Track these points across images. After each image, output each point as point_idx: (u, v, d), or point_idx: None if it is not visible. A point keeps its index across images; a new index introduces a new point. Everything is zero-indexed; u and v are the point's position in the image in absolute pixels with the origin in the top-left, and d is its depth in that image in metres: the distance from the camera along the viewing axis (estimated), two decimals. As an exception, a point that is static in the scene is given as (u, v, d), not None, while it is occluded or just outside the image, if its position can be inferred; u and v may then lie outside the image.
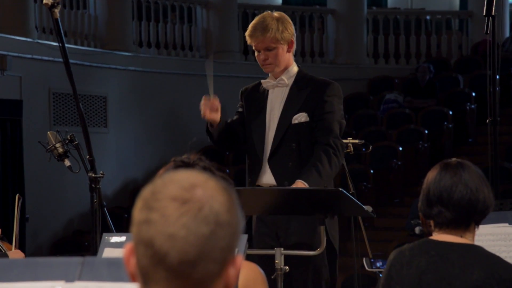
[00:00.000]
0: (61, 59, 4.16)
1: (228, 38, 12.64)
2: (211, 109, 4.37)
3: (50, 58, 9.98)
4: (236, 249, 1.61)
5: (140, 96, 11.42)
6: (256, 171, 4.46)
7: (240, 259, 1.60)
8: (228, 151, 4.88)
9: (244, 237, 3.19)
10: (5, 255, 4.92)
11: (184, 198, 1.56)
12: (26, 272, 2.55)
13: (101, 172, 4.22)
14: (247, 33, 4.47)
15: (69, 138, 4.38)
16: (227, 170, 10.59)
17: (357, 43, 13.69)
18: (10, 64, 9.65)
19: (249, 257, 3.85)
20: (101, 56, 10.97)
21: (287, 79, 4.48)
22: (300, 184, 4.21)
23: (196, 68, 12.14)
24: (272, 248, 4.09)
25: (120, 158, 11.06)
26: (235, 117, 4.61)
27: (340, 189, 3.91)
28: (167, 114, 11.71)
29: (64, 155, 4.39)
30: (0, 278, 2.56)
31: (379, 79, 13.54)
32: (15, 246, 5.44)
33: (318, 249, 4.06)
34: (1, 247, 5.17)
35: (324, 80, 4.50)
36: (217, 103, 4.37)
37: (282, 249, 3.99)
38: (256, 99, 4.53)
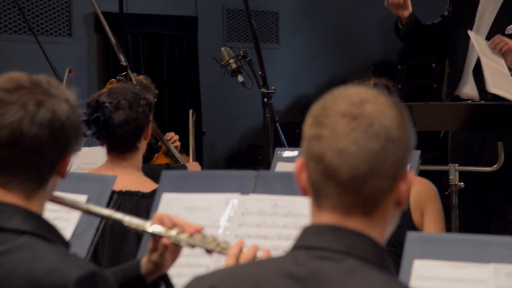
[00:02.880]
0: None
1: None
2: (393, 4, 4.20)
3: (223, -25, 10.10)
4: (408, 165, 1.60)
5: (312, 11, 11.38)
6: (456, 81, 4.31)
7: (411, 174, 1.60)
8: (417, 50, 4.77)
9: (417, 153, 3.16)
10: (184, 167, 5.13)
11: (354, 114, 1.56)
12: (204, 184, 2.66)
13: (273, 87, 4.28)
14: None
15: (242, 54, 4.46)
16: (399, 86, 10.45)
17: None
18: (186, -19, 9.86)
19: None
20: (273, -28, 10.98)
21: None
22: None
23: (368, -19, 11.91)
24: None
25: (291, 73, 11.14)
26: (437, 20, 4.43)
27: (517, 104, 3.78)
28: (338, 28, 11.62)
29: (237, 70, 4.48)
30: (180, 189, 2.68)
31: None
32: (192, 159, 5.65)
33: (495, 166, 3.95)
34: (181, 159, 5.39)
35: None
36: None
37: (457, 165, 3.93)
38: (465, 3, 4.32)
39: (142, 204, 3.12)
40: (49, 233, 1.86)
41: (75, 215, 2.49)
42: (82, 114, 1.92)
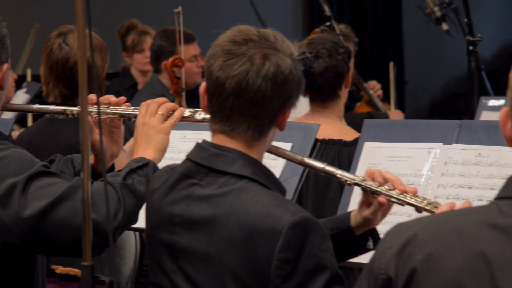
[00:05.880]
0: None
1: None
2: None
3: None
4: None
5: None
6: None
7: None
8: None
9: None
10: (385, 116, 5.13)
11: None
12: (406, 133, 2.65)
13: (478, 35, 4.17)
14: None
15: (447, 2, 4.37)
16: None
17: None
18: None
19: None
20: None
21: None
22: None
23: None
24: None
25: (499, 20, 10.73)
26: None
27: None
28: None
29: (442, 18, 4.40)
30: (382, 138, 2.69)
31: None
32: (393, 107, 5.63)
33: None
34: (382, 108, 5.38)
35: None
36: None
37: None
38: None
39: (344, 153, 3.16)
40: (267, 179, 1.95)
41: (281, 162, 2.57)
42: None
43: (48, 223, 2.05)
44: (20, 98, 5.02)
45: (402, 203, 2.06)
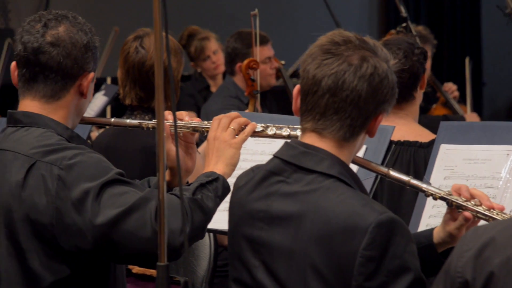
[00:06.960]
0: None
1: None
2: None
3: None
4: None
5: None
6: None
7: None
8: None
9: None
10: (462, 118, 5.05)
11: None
12: (483, 135, 2.62)
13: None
14: None
15: (527, 1, 4.28)
16: None
17: None
18: None
19: None
20: None
21: None
22: None
23: None
24: None
25: None
26: None
27: None
28: None
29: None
30: (458, 140, 2.66)
31: None
32: (470, 109, 5.55)
33: None
34: (459, 109, 5.31)
35: None
36: None
37: None
38: None
39: (420, 154, 3.13)
40: (352, 180, 1.96)
41: (354, 163, 2.55)
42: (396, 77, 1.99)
43: (117, 232, 2.09)
44: (99, 100, 5.12)
45: (488, 218, 2.03)
